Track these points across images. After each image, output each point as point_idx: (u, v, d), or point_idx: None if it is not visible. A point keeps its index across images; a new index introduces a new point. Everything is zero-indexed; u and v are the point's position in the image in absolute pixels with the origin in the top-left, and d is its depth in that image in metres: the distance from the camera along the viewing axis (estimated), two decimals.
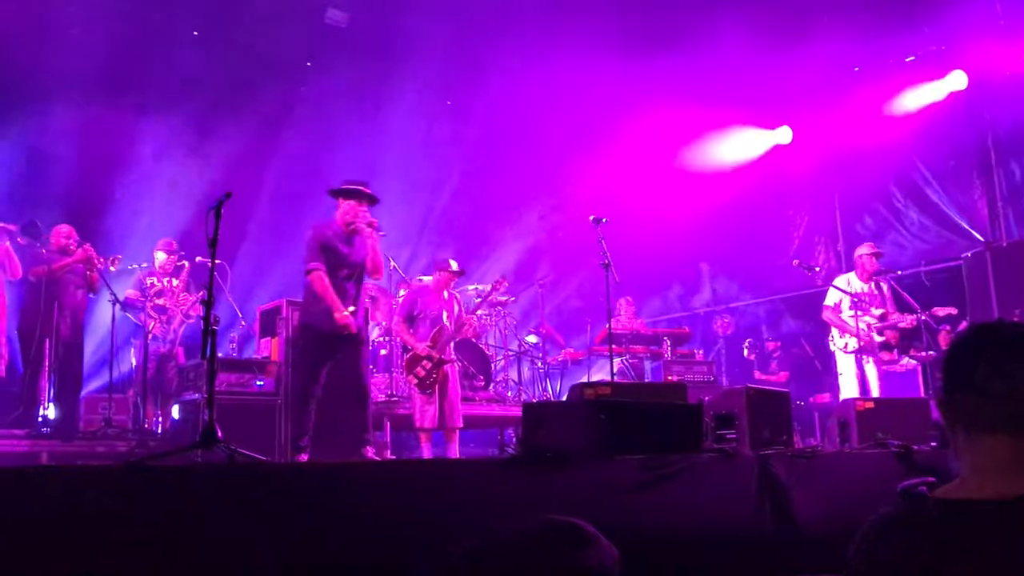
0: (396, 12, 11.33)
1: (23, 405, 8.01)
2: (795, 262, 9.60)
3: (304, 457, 6.57)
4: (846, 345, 8.97)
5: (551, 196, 13.24)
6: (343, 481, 3.47)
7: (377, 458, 6.23)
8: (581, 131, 12.97)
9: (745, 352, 11.91)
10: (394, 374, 9.25)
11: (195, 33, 11.35)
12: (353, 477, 3.56)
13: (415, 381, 7.93)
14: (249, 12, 10.79)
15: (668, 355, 10.34)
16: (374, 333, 9.72)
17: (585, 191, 12.53)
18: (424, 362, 7.93)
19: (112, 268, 8.24)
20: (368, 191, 7.09)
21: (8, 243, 7.83)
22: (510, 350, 10.78)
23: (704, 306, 13.57)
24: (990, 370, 1.61)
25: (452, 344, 8.26)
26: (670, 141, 13.00)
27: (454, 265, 8.41)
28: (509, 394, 10.21)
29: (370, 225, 6.90)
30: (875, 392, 8.81)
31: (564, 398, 10.01)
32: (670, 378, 9.48)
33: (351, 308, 6.84)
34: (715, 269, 13.85)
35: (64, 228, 8.45)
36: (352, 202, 7.00)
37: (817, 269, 9.45)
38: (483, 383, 9.60)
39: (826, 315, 9.25)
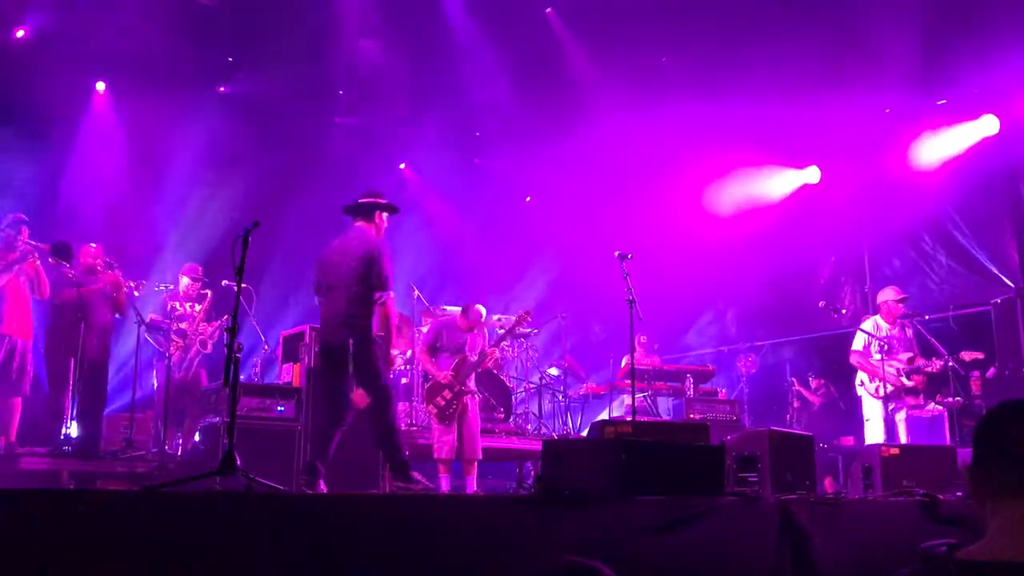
0: (427, 50, 11.50)
1: (46, 423, 8.07)
2: (821, 304, 9.50)
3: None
4: (877, 389, 8.76)
5: (578, 231, 13.25)
6: (358, 514, 3.45)
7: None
8: (610, 168, 13.02)
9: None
10: (414, 403, 9.25)
11: (229, 59, 11.55)
12: (368, 511, 3.54)
13: (435, 411, 7.93)
14: (283, 41, 10.98)
15: (691, 393, 10.26)
16: (396, 362, 9.71)
17: (612, 226, 12.53)
18: (445, 392, 7.93)
19: (136, 292, 8.31)
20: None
21: (39, 262, 7.92)
22: (531, 383, 10.75)
23: (728, 344, 13.47)
24: (1020, 437, 1.64)
25: (473, 375, 8.24)
26: (698, 179, 13.00)
27: (476, 315, 8.42)
28: (529, 427, 10.17)
29: None
30: (903, 439, 8.65)
31: (584, 433, 9.97)
32: (692, 417, 9.40)
33: None
34: (740, 307, 13.77)
35: (92, 248, 8.53)
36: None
37: (844, 311, 9.35)
38: (503, 415, 9.57)
39: (854, 359, 9.08)
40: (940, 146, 11.39)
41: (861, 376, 9.00)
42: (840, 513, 4.73)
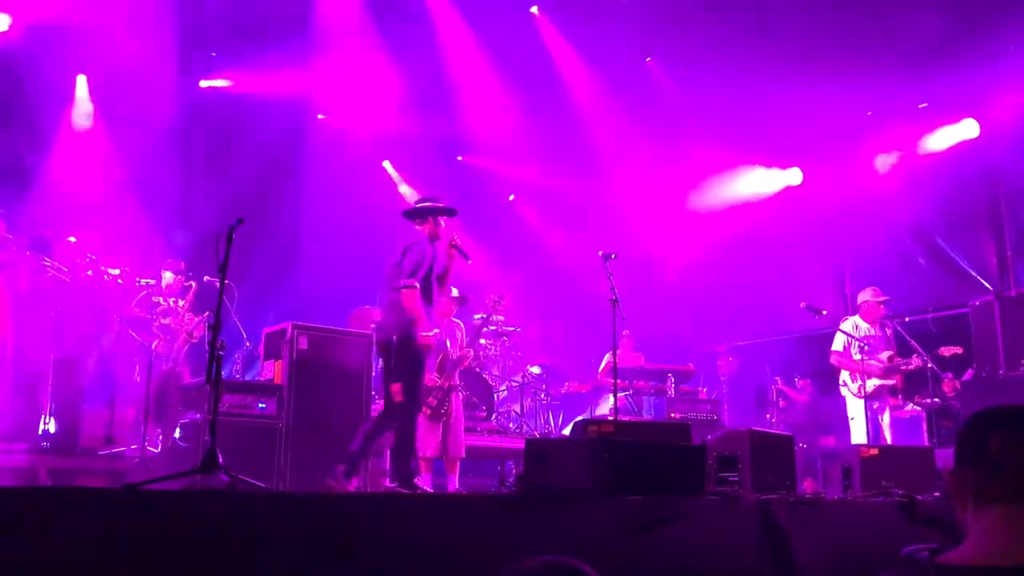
0: (411, 47, 11.49)
1: (24, 418, 7.99)
2: (802, 304, 9.55)
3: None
4: (859, 389, 8.82)
5: (561, 229, 13.27)
6: (340, 513, 3.44)
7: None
8: (594, 166, 13.04)
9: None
10: None
11: (213, 55, 11.49)
12: (349, 510, 3.53)
13: (428, 412, 7.82)
14: (267, 36, 10.94)
15: (672, 392, 10.30)
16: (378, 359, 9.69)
17: (596, 225, 12.55)
18: (436, 391, 7.89)
19: (119, 280, 8.23)
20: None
21: (17, 256, 7.85)
22: (513, 381, 10.75)
23: (709, 344, 13.50)
24: (1002, 443, 1.66)
25: (457, 371, 8.22)
26: (681, 178, 13.04)
27: (454, 291, 8.39)
28: (511, 426, 10.17)
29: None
30: (888, 437, 8.72)
31: (566, 432, 9.99)
32: (673, 416, 9.44)
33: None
34: (722, 307, 13.80)
35: (72, 242, 8.47)
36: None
37: (824, 312, 9.40)
38: (485, 414, 9.56)
39: (834, 359, 9.16)
40: (921, 149, 11.50)
41: (844, 376, 9.07)
42: (819, 513, 4.77)
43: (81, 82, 11.05)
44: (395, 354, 6.41)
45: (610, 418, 8.14)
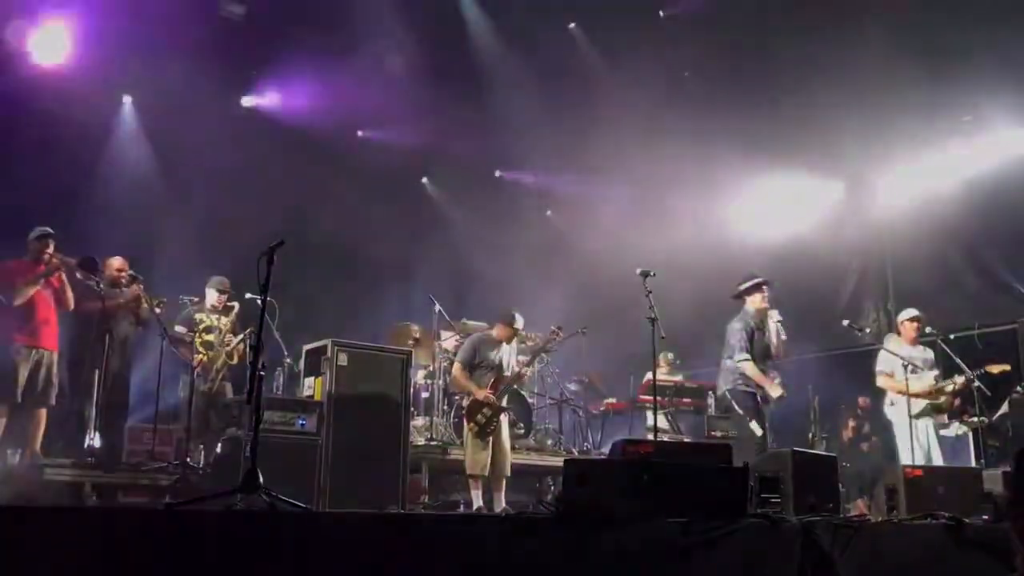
0: (451, 62, 11.56)
1: (70, 434, 8.11)
2: (845, 322, 9.41)
3: None
4: (907, 409, 8.62)
5: (600, 244, 13.22)
6: (378, 533, 3.45)
7: None
8: (633, 181, 13.01)
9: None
10: (434, 418, 9.23)
11: (253, 72, 11.65)
12: (387, 530, 3.54)
13: (475, 428, 7.90)
14: (307, 54, 11.06)
15: (712, 410, 10.19)
16: (417, 376, 9.71)
17: (634, 240, 12.49)
18: (484, 408, 7.93)
19: (158, 310, 8.30)
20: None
21: (64, 276, 7.99)
22: (552, 398, 10.71)
23: None
24: None
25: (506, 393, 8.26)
26: (721, 193, 12.95)
27: (519, 322, 8.41)
28: (549, 443, 10.13)
29: None
30: (937, 456, 8.53)
31: (605, 451, 9.92)
32: (713, 434, 9.34)
33: None
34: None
35: (116, 261, 8.58)
36: None
37: (867, 330, 9.26)
38: (524, 431, 9.54)
39: (881, 381, 8.98)
40: (966, 162, 11.33)
41: (889, 396, 8.90)
42: (863, 536, 4.68)
43: (127, 102, 11.28)
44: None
45: (649, 438, 8.09)
